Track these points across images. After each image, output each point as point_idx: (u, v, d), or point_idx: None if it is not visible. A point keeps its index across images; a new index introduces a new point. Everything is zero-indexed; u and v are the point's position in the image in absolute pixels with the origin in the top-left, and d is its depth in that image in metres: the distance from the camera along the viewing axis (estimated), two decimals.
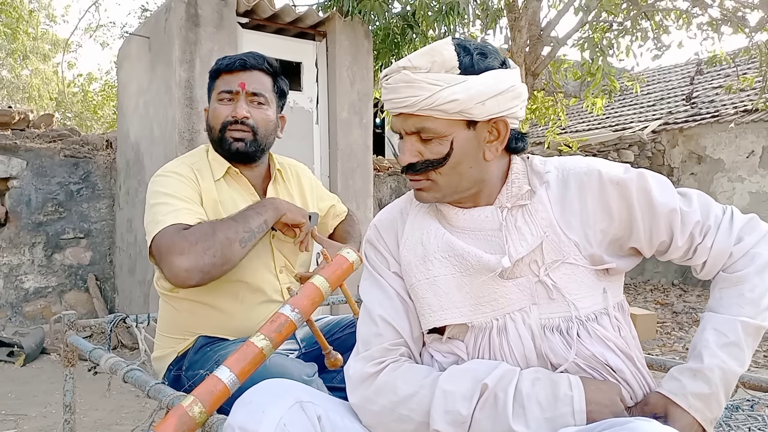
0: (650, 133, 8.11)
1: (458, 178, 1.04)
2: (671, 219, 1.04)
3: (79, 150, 4.98)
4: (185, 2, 3.94)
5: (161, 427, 1.03)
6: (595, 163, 1.07)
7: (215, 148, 1.65)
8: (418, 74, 1.00)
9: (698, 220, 1.05)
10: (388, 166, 6.40)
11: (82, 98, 13.53)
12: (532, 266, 1.02)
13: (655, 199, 1.03)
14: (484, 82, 0.99)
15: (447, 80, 0.99)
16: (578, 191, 1.04)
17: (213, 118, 1.62)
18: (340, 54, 4.54)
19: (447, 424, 0.97)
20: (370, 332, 1.10)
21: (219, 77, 1.63)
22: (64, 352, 1.84)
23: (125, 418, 3.06)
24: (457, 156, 1.02)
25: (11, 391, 3.52)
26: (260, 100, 1.62)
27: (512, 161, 1.10)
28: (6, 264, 4.67)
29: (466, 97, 0.98)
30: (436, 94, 0.98)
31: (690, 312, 5.92)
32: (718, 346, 0.98)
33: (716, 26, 6.16)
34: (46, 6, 13.89)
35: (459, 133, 1.02)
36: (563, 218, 1.03)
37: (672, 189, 1.06)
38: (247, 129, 1.59)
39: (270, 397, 0.97)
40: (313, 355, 1.58)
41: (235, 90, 1.59)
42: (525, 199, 1.05)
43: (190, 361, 1.54)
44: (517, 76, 1.06)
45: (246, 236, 1.45)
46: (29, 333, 4.42)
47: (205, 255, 1.39)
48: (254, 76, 1.61)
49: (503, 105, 1.02)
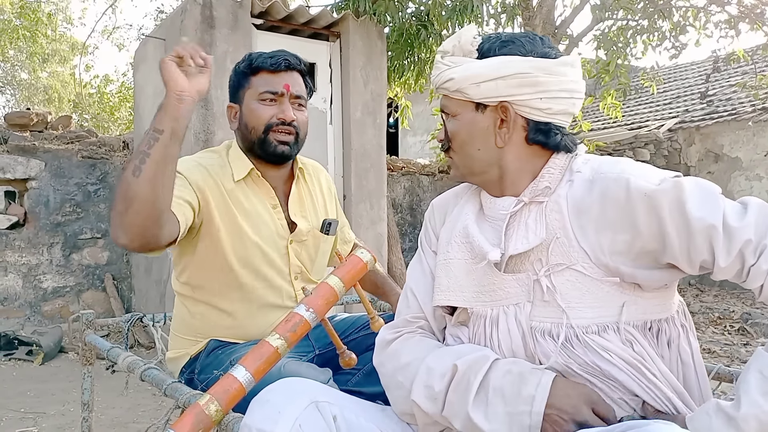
0: (666, 131, 8.04)
1: (468, 159, 1.09)
2: (710, 235, 0.91)
3: (97, 151, 5.04)
4: (200, 4, 3.97)
5: (178, 425, 1.04)
6: (629, 169, 0.98)
7: (252, 147, 1.59)
8: (445, 57, 1.08)
9: (749, 238, 0.90)
10: (401, 165, 6.40)
11: (98, 99, 13.66)
12: (536, 264, 1.01)
13: (689, 213, 0.91)
14: (486, 65, 1.03)
15: (456, 62, 1.06)
16: (600, 197, 0.98)
17: (254, 118, 1.56)
18: (353, 54, 4.55)
19: (424, 397, 1.01)
20: (402, 303, 1.19)
21: (257, 74, 1.57)
22: (82, 350, 1.87)
23: (142, 416, 3.09)
24: (461, 135, 1.08)
25: (30, 390, 3.57)
26: (301, 102, 1.60)
27: (553, 157, 1.06)
28: (25, 264, 4.74)
29: (461, 78, 1.04)
30: (442, 73, 1.07)
31: (707, 312, 5.85)
32: (760, 393, 0.85)
33: (734, 23, 6.08)
34: (63, 9, 14.05)
35: (465, 114, 1.07)
36: (578, 222, 0.98)
37: (716, 200, 0.93)
38: (292, 131, 1.57)
39: (286, 397, 0.98)
40: (328, 357, 1.57)
41: (280, 91, 1.56)
42: (542, 195, 1.03)
43: (202, 364, 1.54)
44: (545, 66, 1.02)
45: (137, 162, 1.20)
46: (47, 332, 4.48)
47: (114, 212, 1.23)
48: (294, 77, 1.59)
49: (504, 90, 1.02)
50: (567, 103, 1.04)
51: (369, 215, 4.66)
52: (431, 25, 5.11)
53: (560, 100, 1.04)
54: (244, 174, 1.58)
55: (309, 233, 1.65)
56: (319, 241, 1.69)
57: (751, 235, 0.90)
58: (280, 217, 1.61)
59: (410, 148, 10.84)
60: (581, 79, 1.08)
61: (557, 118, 1.05)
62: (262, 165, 1.61)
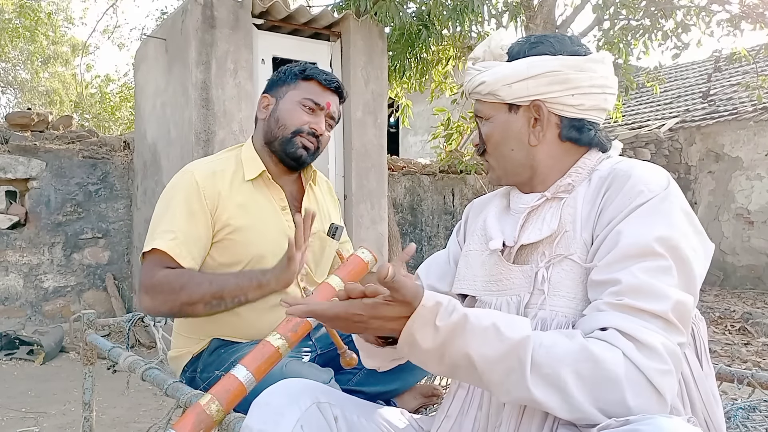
0: (667, 131, 8.03)
1: (504, 160, 1.11)
2: (609, 250, 0.91)
3: (98, 151, 5.04)
4: (201, 4, 3.97)
5: (179, 425, 1.04)
6: (638, 169, 0.98)
7: (272, 142, 1.63)
8: (476, 63, 1.12)
9: (623, 287, 0.86)
10: (402, 165, 6.39)
11: (99, 99, 13.67)
12: (540, 257, 1.02)
13: (626, 222, 0.91)
14: (516, 66, 1.06)
15: (487, 66, 1.09)
16: (606, 190, 0.99)
17: (289, 118, 1.61)
18: (354, 54, 4.55)
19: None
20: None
21: (307, 81, 1.64)
22: (84, 350, 1.87)
23: (143, 416, 3.09)
24: (495, 137, 1.10)
25: (31, 389, 3.57)
26: (332, 123, 1.69)
27: (584, 156, 1.07)
28: (26, 263, 4.74)
29: (492, 80, 1.07)
30: (474, 78, 1.10)
31: (708, 312, 5.85)
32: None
33: (736, 22, 6.08)
34: (64, 9, 14.05)
35: (499, 116, 1.09)
36: (586, 215, 1.00)
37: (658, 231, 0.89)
38: (315, 143, 1.63)
39: (287, 399, 0.98)
40: (329, 356, 1.58)
41: (322, 105, 1.63)
42: (564, 192, 1.05)
43: (204, 363, 1.55)
44: (574, 63, 1.04)
45: (214, 303, 1.45)
46: (49, 332, 4.48)
47: (164, 306, 1.46)
48: (336, 100, 1.68)
49: (535, 89, 1.04)
50: (599, 99, 1.06)
51: (370, 215, 4.66)
52: (432, 25, 5.11)
53: (592, 96, 1.05)
54: (255, 175, 1.60)
55: (315, 236, 1.66)
56: (325, 245, 1.71)
57: (628, 284, 0.86)
58: (288, 218, 1.62)
59: (411, 148, 10.83)
60: (612, 75, 1.09)
61: (590, 113, 1.07)
62: (274, 166, 1.64)
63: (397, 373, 1.66)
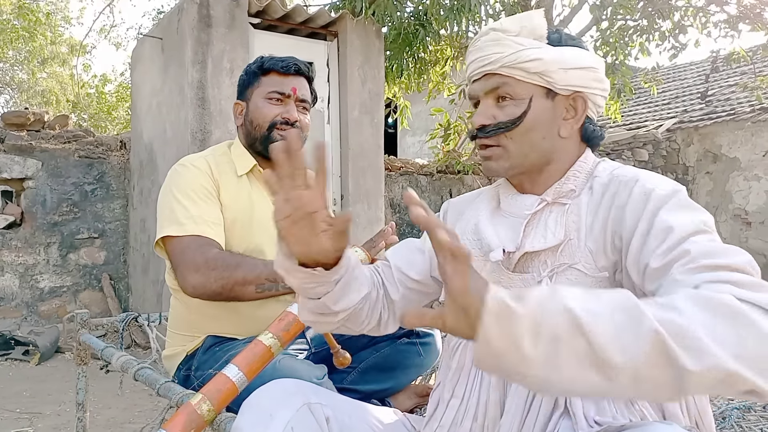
0: (665, 131, 8.04)
1: (529, 146, 1.02)
2: (665, 237, 0.86)
3: (94, 151, 5.03)
4: (197, 3, 3.96)
5: (170, 425, 1.03)
6: (643, 176, 0.97)
7: (254, 143, 1.65)
8: (508, 36, 1.01)
9: (695, 254, 0.82)
10: (399, 165, 6.39)
11: (96, 99, 13.65)
12: (542, 266, 0.99)
13: (660, 213, 0.89)
14: (570, 52, 1.01)
15: (532, 45, 1.00)
16: (611, 197, 0.97)
17: (260, 116, 1.63)
18: (351, 54, 4.54)
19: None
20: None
21: (267, 75, 1.64)
22: (77, 350, 1.86)
23: (138, 416, 3.08)
24: (530, 121, 1.01)
25: (26, 390, 3.56)
26: (305, 105, 1.67)
27: (583, 157, 1.06)
28: (22, 263, 4.72)
29: (550, 59, 0.99)
30: (521, 52, 0.99)
31: None
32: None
33: (734, 23, 6.08)
34: (62, 9, 14.02)
35: (537, 99, 1.01)
36: (590, 224, 0.97)
37: (696, 216, 0.87)
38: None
39: (278, 400, 0.96)
40: (323, 355, 1.57)
41: (287, 93, 1.63)
42: (566, 198, 1.02)
43: (199, 361, 1.54)
44: (603, 66, 1.05)
45: (266, 285, 1.45)
46: (44, 332, 4.47)
47: (216, 283, 1.43)
48: (302, 82, 1.66)
49: (585, 81, 1.02)
50: (604, 105, 1.07)
51: (366, 215, 4.65)
52: (429, 25, 5.11)
53: (604, 101, 1.06)
54: (247, 169, 1.63)
55: None
56: None
57: (699, 251, 0.81)
58: None
59: (409, 148, 10.83)
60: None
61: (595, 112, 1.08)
62: (263, 162, 1.65)
63: (391, 372, 1.67)
